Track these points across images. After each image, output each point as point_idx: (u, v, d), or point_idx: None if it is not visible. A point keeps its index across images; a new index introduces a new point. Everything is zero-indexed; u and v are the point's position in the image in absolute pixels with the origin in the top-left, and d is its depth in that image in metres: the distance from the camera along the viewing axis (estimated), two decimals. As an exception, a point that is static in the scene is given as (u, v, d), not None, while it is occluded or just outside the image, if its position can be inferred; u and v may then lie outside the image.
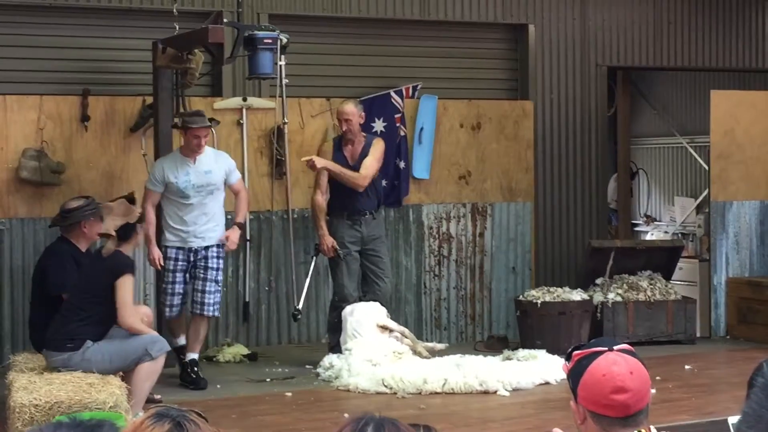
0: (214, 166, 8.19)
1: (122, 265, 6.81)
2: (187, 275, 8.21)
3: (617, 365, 2.85)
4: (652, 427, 2.90)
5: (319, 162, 8.69)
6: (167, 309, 8.25)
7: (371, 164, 8.81)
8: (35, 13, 9.15)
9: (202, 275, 8.16)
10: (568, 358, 2.95)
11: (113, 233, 6.94)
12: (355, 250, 8.88)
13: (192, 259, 8.18)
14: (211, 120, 8.31)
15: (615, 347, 2.90)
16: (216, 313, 8.33)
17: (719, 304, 10.44)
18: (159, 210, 8.23)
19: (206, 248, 8.17)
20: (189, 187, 8.08)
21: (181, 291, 8.21)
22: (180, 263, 8.17)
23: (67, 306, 6.92)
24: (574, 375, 2.90)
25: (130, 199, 7.26)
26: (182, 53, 8.20)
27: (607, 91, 11.52)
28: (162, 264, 8.15)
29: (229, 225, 8.35)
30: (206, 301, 8.16)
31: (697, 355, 9.42)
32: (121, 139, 9.15)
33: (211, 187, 8.16)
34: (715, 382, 8.50)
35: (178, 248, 8.15)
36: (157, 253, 8.12)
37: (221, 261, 8.31)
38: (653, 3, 11.30)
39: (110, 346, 6.76)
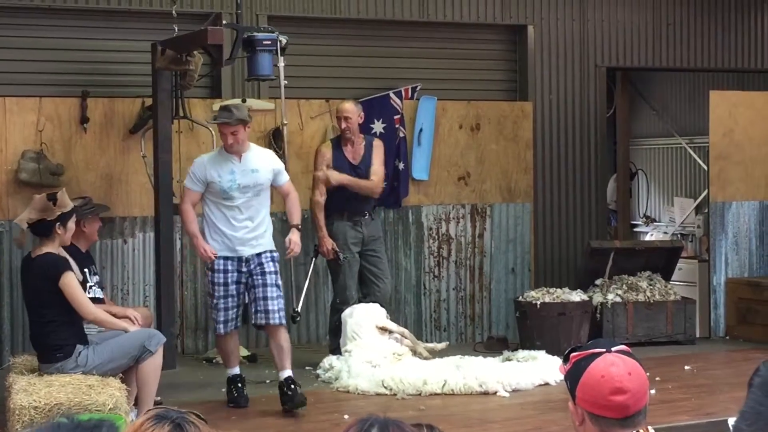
0: (261, 164, 7.52)
1: (56, 266, 6.62)
2: (242, 286, 7.48)
3: (616, 366, 2.86)
4: (650, 427, 2.91)
5: (335, 178, 8.69)
6: (221, 325, 7.49)
7: (380, 170, 8.97)
8: (34, 15, 9.15)
9: (260, 281, 7.40)
10: (565, 359, 2.96)
11: (24, 226, 6.80)
12: (356, 251, 8.89)
13: (244, 269, 7.44)
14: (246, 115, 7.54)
15: (613, 348, 2.91)
16: (284, 321, 7.47)
17: (719, 305, 10.45)
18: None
19: (258, 255, 7.45)
20: (234, 187, 7.42)
21: (235, 304, 7.46)
22: (231, 274, 7.42)
23: (33, 320, 6.83)
24: (572, 376, 2.90)
25: (53, 198, 7.02)
26: (181, 55, 8.20)
27: (606, 92, 11.52)
28: (215, 254, 7.41)
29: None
30: (271, 308, 7.35)
31: (697, 356, 9.42)
32: (121, 141, 9.15)
33: (258, 188, 7.49)
34: (715, 383, 8.49)
35: (226, 258, 7.42)
36: (206, 245, 7.40)
37: (277, 264, 7.56)
38: (652, 4, 11.30)
39: (105, 347, 6.71)
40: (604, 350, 2.89)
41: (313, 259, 9.12)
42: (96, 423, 2.05)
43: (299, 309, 8.93)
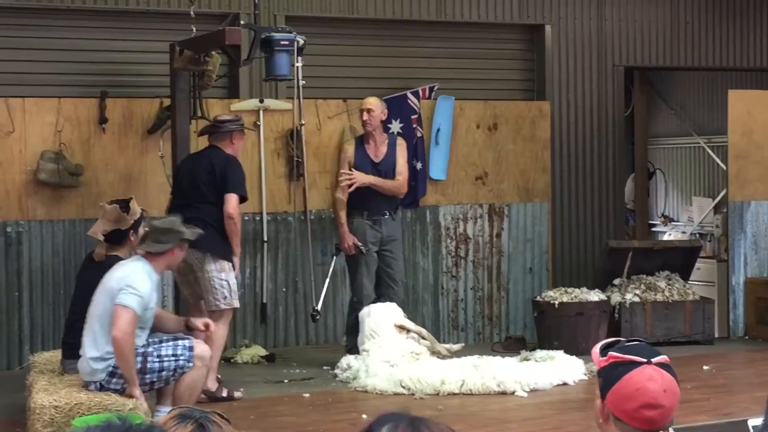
0: None
1: None
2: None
3: (653, 381, 2.83)
4: (671, 428, 2.90)
5: (362, 179, 8.71)
6: None
7: (405, 169, 8.98)
8: (53, 16, 9.19)
9: None
10: (603, 352, 2.93)
11: (101, 238, 6.86)
12: (375, 251, 8.90)
13: None
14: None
15: (653, 360, 2.88)
16: None
17: (737, 305, 10.41)
18: None
19: None
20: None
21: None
22: None
23: (74, 317, 6.86)
24: (607, 377, 2.88)
25: (125, 207, 7.01)
26: (199, 55, 8.22)
27: (624, 91, 11.49)
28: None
29: None
30: None
31: (716, 356, 9.39)
32: (139, 141, 9.18)
33: None
34: (734, 383, 8.47)
35: None
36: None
37: None
38: (670, 3, 11.27)
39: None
40: (644, 361, 2.87)
41: (334, 257, 9.13)
42: (147, 427, 2.05)
43: (319, 308, 8.98)
